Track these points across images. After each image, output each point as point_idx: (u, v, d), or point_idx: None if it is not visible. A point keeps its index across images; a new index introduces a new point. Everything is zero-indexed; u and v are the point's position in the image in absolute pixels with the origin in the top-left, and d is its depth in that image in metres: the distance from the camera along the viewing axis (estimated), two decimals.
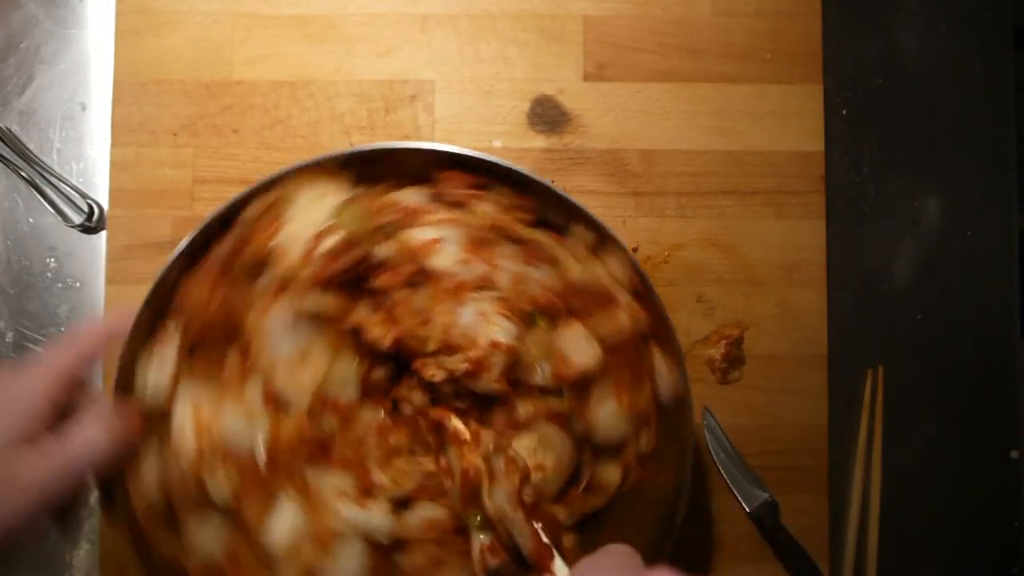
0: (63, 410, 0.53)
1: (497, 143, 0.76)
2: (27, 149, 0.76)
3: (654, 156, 0.76)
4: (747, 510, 0.73)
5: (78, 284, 0.75)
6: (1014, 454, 0.76)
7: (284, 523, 0.55)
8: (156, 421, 0.57)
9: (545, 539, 0.52)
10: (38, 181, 0.75)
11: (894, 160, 0.78)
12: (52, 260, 0.76)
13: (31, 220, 0.76)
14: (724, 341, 0.74)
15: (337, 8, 0.77)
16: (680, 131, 0.76)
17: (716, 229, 0.76)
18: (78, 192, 0.75)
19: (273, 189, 0.60)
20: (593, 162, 0.76)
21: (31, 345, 0.75)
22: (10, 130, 0.76)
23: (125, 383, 0.58)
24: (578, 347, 0.60)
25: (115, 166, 0.75)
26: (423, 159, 0.61)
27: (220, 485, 0.55)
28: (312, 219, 0.58)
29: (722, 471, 0.73)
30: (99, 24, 0.77)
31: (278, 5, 0.76)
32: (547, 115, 0.76)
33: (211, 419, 0.56)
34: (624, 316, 0.61)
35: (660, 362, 0.62)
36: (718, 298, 0.75)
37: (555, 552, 0.51)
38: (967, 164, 0.78)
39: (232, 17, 0.76)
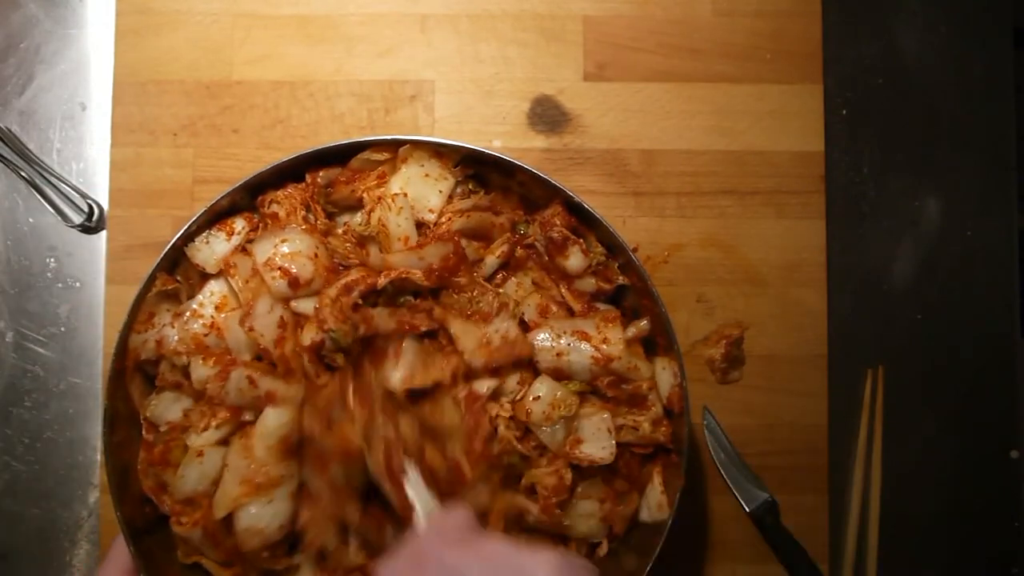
0: None
1: (497, 143, 0.76)
2: (27, 149, 0.76)
3: (654, 156, 0.76)
4: (747, 510, 0.73)
5: (78, 284, 0.75)
6: (1014, 454, 0.76)
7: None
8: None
9: (410, 497, 0.58)
10: (38, 181, 0.75)
11: (894, 160, 0.78)
12: (52, 260, 0.76)
13: (31, 220, 0.76)
14: (724, 341, 0.74)
15: (337, 8, 0.77)
16: (680, 131, 0.76)
17: (716, 229, 0.76)
18: (78, 192, 0.75)
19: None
20: (593, 162, 0.76)
21: (31, 345, 0.75)
22: (10, 130, 0.76)
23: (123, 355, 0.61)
24: (597, 437, 0.62)
25: (115, 166, 0.75)
26: (541, 187, 0.64)
27: (201, 371, 0.61)
28: (417, 191, 0.64)
29: (722, 471, 0.73)
30: (99, 24, 0.77)
31: (278, 5, 0.76)
32: (547, 115, 0.76)
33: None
34: (648, 426, 0.63)
35: (656, 482, 0.64)
36: (718, 298, 0.75)
37: (416, 507, 0.58)
38: (967, 164, 0.78)
39: (232, 17, 0.76)
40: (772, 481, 0.73)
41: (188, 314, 0.62)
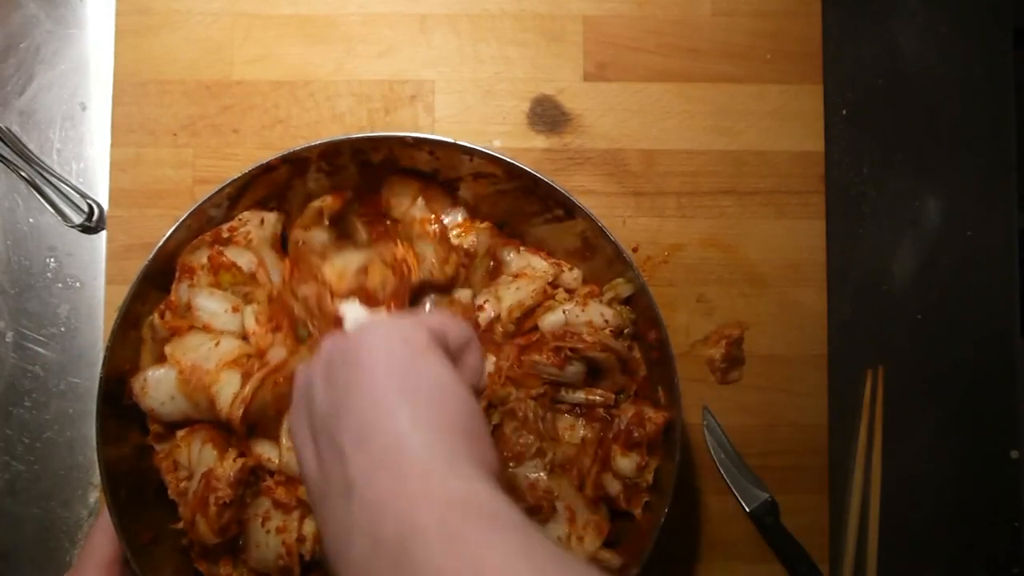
0: None
1: (497, 143, 0.76)
2: (27, 149, 0.76)
3: (654, 156, 0.76)
4: (747, 510, 0.73)
5: (78, 284, 0.75)
6: (1014, 454, 0.76)
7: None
8: None
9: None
10: (38, 181, 0.75)
11: (894, 160, 0.78)
12: (52, 260, 0.76)
13: (31, 220, 0.76)
14: (724, 341, 0.74)
15: (337, 8, 0.77)
16: (680, 131, 0.76)
17: (716, 229, 0.76)
18: (78, 192, 0.75)
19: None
20: (593, 162, 0.76)
21: (31, 345, 0.75)
22: (10, 130, 0.76)
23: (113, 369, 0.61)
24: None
25: (115, 166, 0.75)
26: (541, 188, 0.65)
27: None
28: None
29: (722, 471, 0.73)
30: (99, 24, 0.77)
31: (278, 5, 0.76)
32: (547, 115, 0.76)
33: None
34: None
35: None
36: (718, 298, 0.75)
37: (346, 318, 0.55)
38: (967, 164, 0.78)
39: (232, 17, 0.76)
40: (772, 481, 0.73)
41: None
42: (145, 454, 0.65)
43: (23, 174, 0.75)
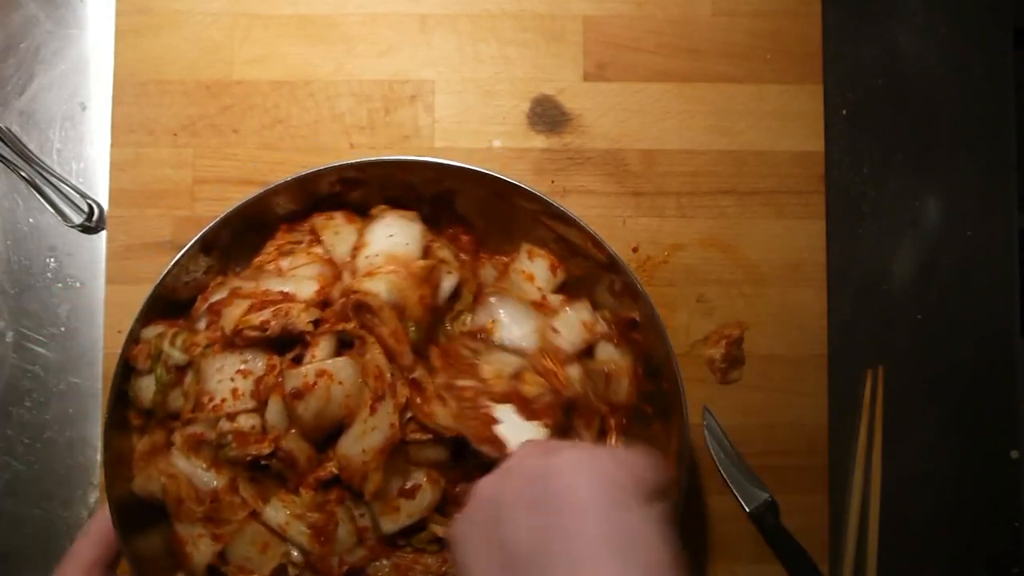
0: None
1: (497, 143, 0.76)
2: (27, 149, 0.76)
3: (654, 156, 0.76)
4: (747, 510, 0.73)
5: (78, 284, 0.75)
6: (1014, 454, 0.76)
7: None
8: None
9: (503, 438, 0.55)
10: (38, 181, 0.75)
11: (894, 160, 0.78)
12: (52, 260, 0.76)
13: (31, 220, 0.76)
14: (724, 341, 0.74)
15: (337, 8, 0.77)
16: (680, 131, 0.76)
17: (716, 229, 0.76)
18: (78, 192, 0.75)
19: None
20: (593, 162, 0.76)
21: (31, 345, 0.75)
22: (10, 130, 0.76)
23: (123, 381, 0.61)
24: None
25: (115, 166, 0.75)
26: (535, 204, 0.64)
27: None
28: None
29: (722, 471, 0.73)
30: (99, 24, 0.77)
31: (278, 5, 0.76)
32: (547, 115, 0.76)
33: None
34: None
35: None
36: (718, 298, 0.75)
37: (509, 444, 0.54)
38: (967, 164, 0.78)
39: (232, 17, 0.76)
40: (772, 481, 0.73)
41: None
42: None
43: (23, 174, 0.75)
